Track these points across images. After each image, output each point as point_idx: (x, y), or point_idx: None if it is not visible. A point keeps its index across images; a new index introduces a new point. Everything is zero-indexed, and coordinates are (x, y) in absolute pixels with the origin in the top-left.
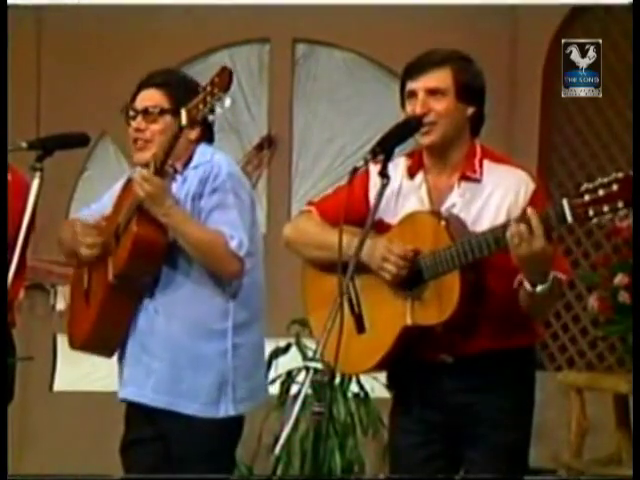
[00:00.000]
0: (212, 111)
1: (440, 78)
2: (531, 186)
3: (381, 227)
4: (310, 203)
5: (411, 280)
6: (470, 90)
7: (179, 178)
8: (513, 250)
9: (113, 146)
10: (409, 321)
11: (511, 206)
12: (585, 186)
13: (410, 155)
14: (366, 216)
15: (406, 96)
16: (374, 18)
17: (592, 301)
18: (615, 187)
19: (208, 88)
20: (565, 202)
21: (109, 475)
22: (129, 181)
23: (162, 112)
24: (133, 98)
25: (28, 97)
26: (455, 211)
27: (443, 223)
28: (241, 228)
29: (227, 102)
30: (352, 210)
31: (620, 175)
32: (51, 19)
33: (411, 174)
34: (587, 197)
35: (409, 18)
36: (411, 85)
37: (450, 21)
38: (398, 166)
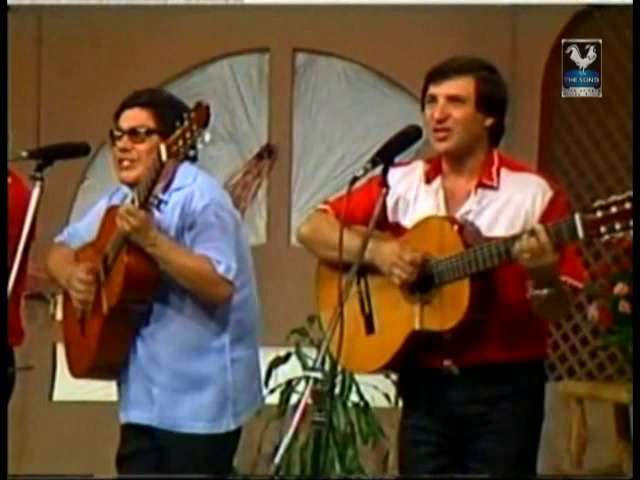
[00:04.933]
0: (193, 147)
1: (462, 86)
2: (549, 193)
3: (397, 231)
4: (326, 202)
5: (422, 284)
6: (491, 101)
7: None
8: (521, 262)
9: None
10: (417, 326)
11: (528, 213)
12: (598, 202)
13: (429, 160)
14: (383, 219)
15: (427, 100)
16: (374, 28)
17: (592, 311)
18: (628, 205)
19: (186, 124)
20: (577, 217)
21: (109, 475)
22: (112, 208)
23: (149, 132)
24: (116, 117)
25: (28, 106)
26: (470, 217)
27: (456, 228)
28: (227, 252)
29: (207, 137)
30: (368, 212)
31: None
32: (51, 29)
33: (428, 179)
34: (599, 214)
35: (409, 27)
36: (433, 90)
37: (449, 35)
38: (415, 170)
